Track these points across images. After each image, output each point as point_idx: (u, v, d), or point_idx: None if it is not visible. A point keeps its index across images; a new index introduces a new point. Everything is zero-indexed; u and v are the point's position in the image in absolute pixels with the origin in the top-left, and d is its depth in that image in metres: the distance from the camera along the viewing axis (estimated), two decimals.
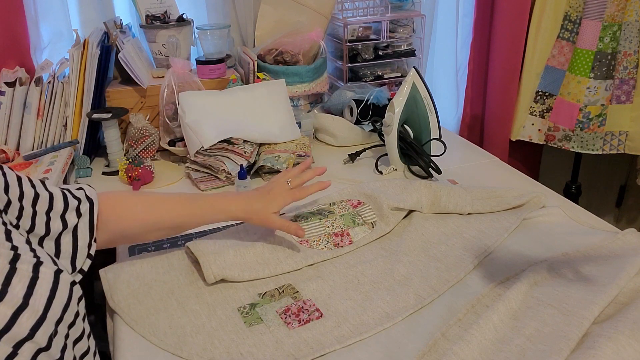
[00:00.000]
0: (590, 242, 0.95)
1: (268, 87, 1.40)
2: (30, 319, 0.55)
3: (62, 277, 0.61)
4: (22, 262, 0.58)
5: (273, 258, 0.93)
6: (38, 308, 0.56)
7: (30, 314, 0.55)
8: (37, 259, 0.60)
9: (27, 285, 0.57)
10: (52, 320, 0.58)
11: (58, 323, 0.59)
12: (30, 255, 0.60)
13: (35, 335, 0.55)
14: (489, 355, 0.71)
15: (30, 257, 0.60)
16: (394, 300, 0.84)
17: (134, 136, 1.34)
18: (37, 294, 0.57)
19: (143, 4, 1.46)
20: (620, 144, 1.72)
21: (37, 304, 0.56)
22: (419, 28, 1.67)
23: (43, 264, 0.60)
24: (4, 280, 0.55)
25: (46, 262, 0.61)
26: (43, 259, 0.61)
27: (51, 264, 0.61)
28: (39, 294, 0.57)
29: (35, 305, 0.56)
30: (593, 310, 0.75)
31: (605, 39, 1.62)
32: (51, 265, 0.61)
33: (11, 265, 0.57)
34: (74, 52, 1.30)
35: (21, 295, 0.56)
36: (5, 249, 0.58)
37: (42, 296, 0.57)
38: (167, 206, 0.88)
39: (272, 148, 1.30)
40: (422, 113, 1.28)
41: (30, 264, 0.59)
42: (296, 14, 1.58)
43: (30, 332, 0.55)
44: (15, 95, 1.29)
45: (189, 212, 0.88)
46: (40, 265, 0.60)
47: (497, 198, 1.10)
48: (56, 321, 0.58)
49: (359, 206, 1.07)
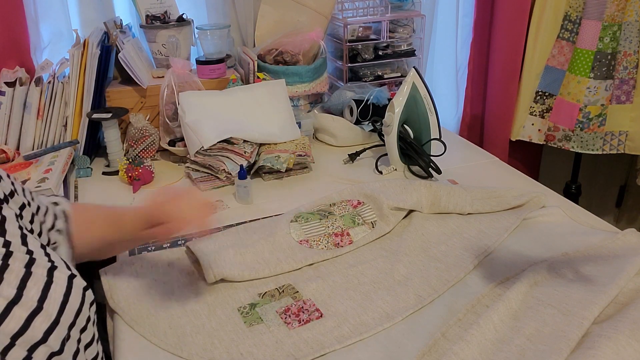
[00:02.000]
0: (590, 242, 0.95)
1: (268, 87, 1.40)
2: (44, 323, 0.55)
3: (75, 282, 0.61)
4: (37, 266, 0.59)
5: (273, 258, 0.93)
6: (52, 312, 0.57)
7: (44, 318, 0.56)
8: (51, 264, 0.61)
9: (42, 289, 0.57)
10: (65, 325, 0.58)
11: (71, 327, 0.59)
12: (45, 260, 0.60)
13: (48, 339, 0.55)
14: (489, 355, 0.71)
15: (45, 262, 0.60)
16: (394, 300, 0.84)
17: (134, 136, 1.34)
18: (51, 298, 0.57)
19: (143, 4, 1.46)
20: (620, 144, 1.72)
21: (51, 308, 0.57)
22: (419, 28, 1.67)
23: (57, 268, 0.61)
24: (19, 284, 0.56)
25: (60, 266, 0.61)
26: (57, 264, 0.61)
27: (65, 269, 0.62)
28: (53, 298, 0.58)
29: (49, 309, 0.56)
30: (593, 310, 0.75)
31: (605, 39, 1.62)
32: (65, 270, 0.62)
33: (27, 269, 0.57)
34: (74, 52, 1.30)
35: (36, 299, 0.56)
36: (21, 253, 0.59)
37: (56, 300, 0.58)
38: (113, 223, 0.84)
39: (272, 148, 1.30)
40: (422, 113, 1.28)
41: (45, 268, 0.59)
42: (296, 14, 1.58)
43: (44, 336, 0.55)
44: (15, 95, 1.29)
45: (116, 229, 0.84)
46: (55, 270, 0.60)
47: (497, 198, 1.10)
48: (69, 325, 0.59)
49: (359, 206, 1.07)
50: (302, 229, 1.00)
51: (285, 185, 1.25)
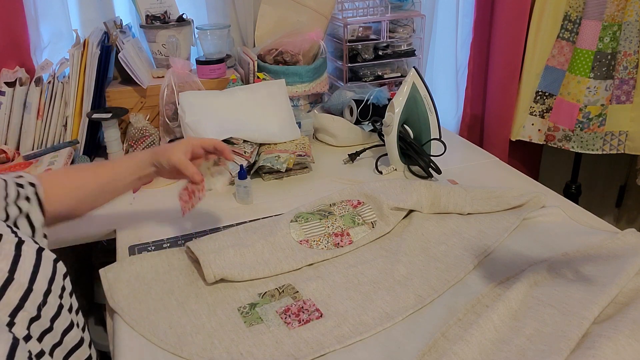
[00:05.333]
0: (590, 242, 0.95)
1: (268, 87, 1.40)
2: (18, 291, 0.59)
3: (44, 254, 0.64)
4: (5, 242, 0.61)
5: (273, 258, 0.93)
6: (24, 281, 0.60)
7: (18, 287, 0.59)
8: (18, 239, 0.63)
9: (11, 262, 0.60)
10: (39, 292, 0.61)
11: (47, 295, 0.62)
12: (12, 236, 0.63)
13: (24, 305, 0.59)
14: (489, 355, 0.71)
15: (13, 237, 0.63)
16: (394, 300, 0.84)
17: (134, 136, 1.34)
18: (21, 269, 0.60)
19: (143, 4, 1.46)
20: (620, 144, 1.72)
21: (23, 278, 0.60)
22: (419, 28, 1.67)
23: (25, 242, 0.63)
24: None
25: (27, 241, 0.64)
26: (24, 239, 0.64)
27: (32, 243, 0.64)
28: (23, 269, 0.61)
29: (20, 279, 0.59)
30: (593, 310, 0.75)
31: (605, 39, 1.62)
32: (32, 244, 0.64)
33: None
34: (74, 52, 1.30)
35: (6, 270, 0.59)
36: None
37: (26, 271, 0.61)
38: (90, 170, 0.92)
39: (272, 148, 1.30)
40: (422, 113, 1.28)
41: (12, 244, 0.62)
42: (296, 14, 1.58)
43: (19, 302, 0.58)
44: (15, 95, 1.29)
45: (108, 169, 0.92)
46: (23, 244, 0.63)
47: (497, 198, 1.10)
48: (44, 293, 0.61)
49: (359, 206, 1.07)
50: (302, 229, 1.00)
51: (285, 185, 1.25)
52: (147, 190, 1.23)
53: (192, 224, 1.08)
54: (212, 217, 1.10)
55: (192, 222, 1.09)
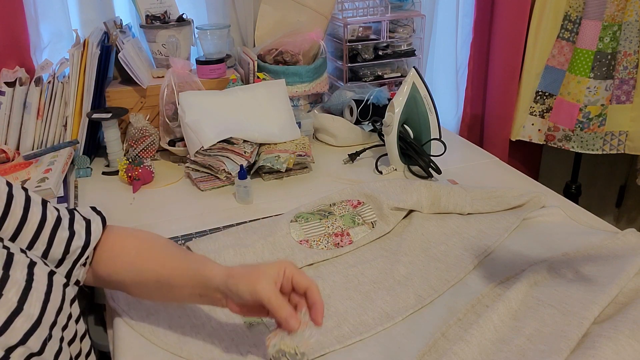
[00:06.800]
0: (590, 242, 0.95)
1: (268, 87, 1.40)
2: (26, 324, 0.55)
3: (55, 279, 0.61)
4: (17, 263, 0.58)
5: (273, 258, 0.93)
6: (33, 313, 0.56)
7: (25, 319, 0.55)
8: (30, 260, 0.60)
9: (23, 289, 0.56)
10: (46, 325, 0.57)
11: (52, 327, 0.58)
12: (23, 256, 0.60)
13: (28, 341, 0.54)
14: (489, 355, 0.71)
15: (24, 258, 0.60)
16: (394, 300, 0.84)
17: (134, 136, 1.34)
18: (33, 297, 0.56)
19: (143, 4, 1.46)
20: (620, 144, 1.72)
21: (33, 309, 0.56)
22: (419, 28, 1.67)
23: (37, 265, 0.60)
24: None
25: (39, 263, 0.61)
26: (36, 260, 0.61)
27: (43, 265, 0.61)
28: (35, 298, 0.57)
29: (30, 310, 0.55)
30: (593, 310, 0.75)
31: (605, 39, 1.62)
32: (43, 266, 0.61)
33: (4, 272, 0.56)
34: (74, 52, 1.30)
35: (15, 300, 0.55)
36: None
37: (38, 300, 0.57)
38: (157, 253, 0.76)
39: (272, 148, 1.30)
40: (422, 113, 1.28)
41: (24, 265, 0.59)
42: (296, 14, 1.58)
43: (23, 338, 0.54)
44: (15, 95, 1.29)
45: (175, 265, 0.74)
46: (34, 267, 0.59)
47: (497, 198, 1.10)
48: (50, 325, 0.58)
49: (359, 206, 1.07)
50: (302, 229, 1.00)
51: (285, 185, 1.25)
52: (147, 190, 1.23)
53: (192, 224, 1.08)
54: (212, 217, 1.10)
55: (192, 222, 1.09)
